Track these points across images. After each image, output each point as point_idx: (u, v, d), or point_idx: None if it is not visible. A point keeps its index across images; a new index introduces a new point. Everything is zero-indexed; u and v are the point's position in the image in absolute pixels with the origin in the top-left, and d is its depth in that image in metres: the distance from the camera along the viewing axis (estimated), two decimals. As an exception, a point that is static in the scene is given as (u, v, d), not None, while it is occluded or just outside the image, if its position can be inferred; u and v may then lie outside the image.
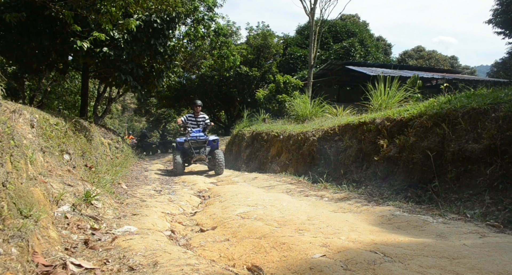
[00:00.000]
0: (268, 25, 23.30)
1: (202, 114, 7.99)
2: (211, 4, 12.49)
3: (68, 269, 1.67)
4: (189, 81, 19.51)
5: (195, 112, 7.93)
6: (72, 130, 4.78)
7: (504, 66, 25.06)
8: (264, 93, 13.97)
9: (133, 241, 2.22)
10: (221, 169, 7.19)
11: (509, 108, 3.11)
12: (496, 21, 21.72)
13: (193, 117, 7.89)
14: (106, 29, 5.92)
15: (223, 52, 16.08)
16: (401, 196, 3.59)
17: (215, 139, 7.60)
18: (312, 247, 2.08)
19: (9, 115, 2.77)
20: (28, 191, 1.99)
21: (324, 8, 12.07)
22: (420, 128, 3.84)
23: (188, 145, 7.38)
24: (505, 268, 1.66)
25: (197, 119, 7.89)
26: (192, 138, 7.40)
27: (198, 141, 7.41)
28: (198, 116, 7.91)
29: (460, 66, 39.09)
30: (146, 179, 6.42)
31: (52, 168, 3.19)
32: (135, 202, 3.81)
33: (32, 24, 6.65)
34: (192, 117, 7.89)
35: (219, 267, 1.86)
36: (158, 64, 9.19)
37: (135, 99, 31.04)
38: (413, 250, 1.97)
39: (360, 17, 33.71)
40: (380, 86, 6.05)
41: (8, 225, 1.58)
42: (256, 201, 3.92)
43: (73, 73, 13.76)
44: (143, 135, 20.04)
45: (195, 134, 7.49)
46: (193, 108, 8.00)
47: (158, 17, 7.85)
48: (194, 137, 7.41)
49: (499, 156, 3.00)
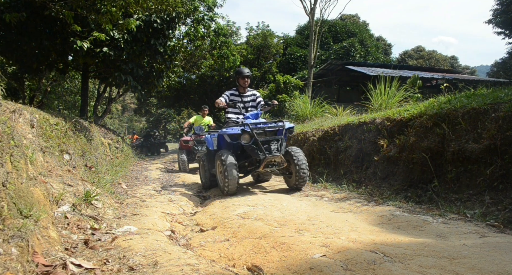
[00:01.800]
0: (268, 25, 23.34)
1: (251, 90, 5.08)
2: (211, 4, 12.49)
3: (68, 269, 1.67)
4: (189, 81, 19.50)
5: (241, 86, 4.94)
6: (72, 130, 4.78)
7: (504, 66, 25.05)
8: (264, 93, 13.98)
9: (133, 241, 2.22)
10: (303, 179, 4.28)
11: (509, 108, 3.10)
12: (496, 21, 21.73)
13: (237, 95, 4.98)
14: (106, 29, 5.93)
15: (223, 52, 16.08)
16: (401, 196, 3.59)
17: (291, 128, 4.55)
18: (312, 247, 2.08)
19: (9, 115, 2.77)
20: (28, 191, 1.99)
21: (324, 8, 12.08)
22: (420, 128, 3.84)
23: (247, 139, 4.18)
24: (505, 268, 1.66)
25: (243, 99, 4.99)
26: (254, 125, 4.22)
27: (267, 130, 4.30)
28: (245, 93, 5.01)
29: (460, 66, 39.10)
30: (146, 179, 6.42)
31: (52, 168, 3.19)
32: (135, 202, 3.81)
33: (32, 24, 6.66)
34: (236, 95, 4.98)
35: (219, 267, 1.86)
36: (158, 64, 9.20)
37: (135, 99, 31.04)
38: (413, 250, 1.97)
39: (360, 17, 33.73)
40: (380, 86, 6.05)
41: (8, 225, 1.58)
42: (256, 201, 3.92)
43: (73, 73, 13.75)
44: (148, 135, 19.60)
45: (253, 120, 4.45)
46: (237, 81, 4.95)
47: (158, 17, 7.85)
48: (259, 124, 4.27)
49: (499, 156, 3.00)
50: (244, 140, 4.16)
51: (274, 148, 4.17)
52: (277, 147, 4.18)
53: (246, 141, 4.17)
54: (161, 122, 35.16)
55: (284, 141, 4.28)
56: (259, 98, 5.04)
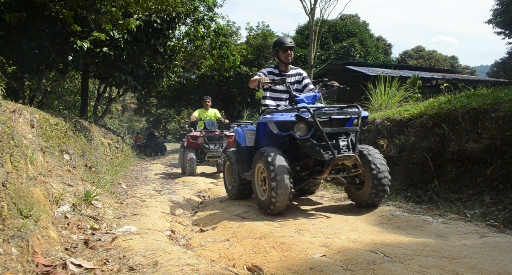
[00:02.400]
0: (268, 25, 23.33)
1: (295, 68, 3.81)
2: (211, 4, 12.49)
3: (68, 269, 1.67)
4: (189, 81, 19.49)
5: (281, 63, 3.67)
6: (72, 130, 4.78)
7: (504, 66, 25.04)
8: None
9: (133, 241, 2.22)
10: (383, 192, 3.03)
11: (509, 108, 3.10)
12: (496, 21, 21.72)
13: (276, 74, 3.69)
14: (106, 29, 5.93)
15: (223, 52, 16.08)
16: (401, 196, 3.59)
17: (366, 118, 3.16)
18: (312, 247, 2.08)
19: (9, 115, 2.77)
20: (28, 191, 1.99)
21: (324, 8, 12.06)
22: (420, 128, 3.84)
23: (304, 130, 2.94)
24: (505, 268, 1.66)
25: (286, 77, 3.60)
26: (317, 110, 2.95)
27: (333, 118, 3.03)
28: (287, 71, 3.73)
29: (460, 66, 39.09)
30: (146, 179, 6.42)
31: (52, 168, 3.19)
32: (135, 202, 3.81)
33: (32, 24, 6.66)
34: (276, 74, 3.68)
35: (219, 267, 1.86)
36: (158, 64, 9.20)
37: (135, 99, 31.06)
38: (413, 250, 1.97)
39: (360, 17, 33.71)
40: (380, 86, 6.05)
41: (8, 225, 1.58)
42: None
43: (73, 73, 13.76)
44: (151, 134, 19.24)
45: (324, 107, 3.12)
46: (276, 54, 3.65)
47: (158, 17, 7.86)
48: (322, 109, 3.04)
49: (499, 156, 3.00)
50: (299, 132, 2.90)
51: (343, 145, 2.90)
52: (347, 143, 2.92)
53: (303, 133, 2.91)
54: (161, 122, 35.18)
55: (358, 135, 2.97)
56: (307, 79, 3.75)
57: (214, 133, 7.19)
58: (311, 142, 2.90)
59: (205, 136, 7.12)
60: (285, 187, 2.81)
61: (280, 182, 2.80)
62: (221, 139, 7.14)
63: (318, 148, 2.87)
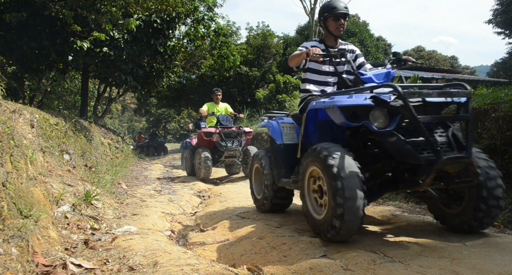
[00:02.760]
0: (268, 25, 23.31)
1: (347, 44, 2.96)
2: (211, 4, 12.48)
3: (68, 269, 1.67)
4: (189, 81, 19.49)
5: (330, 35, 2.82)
6: (72, 130, 4.78)
7: (504, 66, 25.03)
8: (264, 93, 13.97)
9: (133, 241, 2.22)
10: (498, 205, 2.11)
11: (509, 108, 3.10)
12: (496, 21, 21.71)
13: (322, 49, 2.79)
14: (106, 29, 5.93)
15: (223, 52, 16.07)
16: (401, 196, 3.59)
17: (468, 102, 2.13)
18: (312, 247, 2.08)
19: (9, 115, 2.77)
20: (28, 191, 1.99)
21: (324, 8, 12.06)
22: (420, 128, 3.83)
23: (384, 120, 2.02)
24: (505, 268, 1.66)
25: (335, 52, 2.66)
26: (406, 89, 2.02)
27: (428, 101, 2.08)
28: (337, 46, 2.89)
29: (460, 66, 39.07)
30: (146, 179, 6.42)
31: (52, 168, 3.19)
32: (135, 202, 3.81)
33: (32, 24, 6.65)
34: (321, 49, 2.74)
35: (219, 267, 1.86)
36: (158, 64, 9.19)
37: (135, 99, 31.05)
38: (413, 250, 1.97)
39: (360, 17, 33.68)
40: (380, 86, 6.02)
41: (8, 225, 1.58)
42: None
43: (73, 73, 13.74)
44: (154, 134, 18.87)
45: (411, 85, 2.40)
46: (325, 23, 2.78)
47: (158, 17, 7.85)
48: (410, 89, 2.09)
49: (499, 156, 3.00)
50: (377, 121, 2.02)
51: (443, 142, 2.07)
52: (447, 140, 2.09)
53: (382, 124, 2.02)
54: (161, 122, 35.17)
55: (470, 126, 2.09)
56: (361, 58, 2.91)
57: (231, 129, 6.17)
58: (396, 137, 1.99)
59: (221, 132, 6.02)
60: (356, 208, 1.91)
61: (350, 199, 1.90)
62: (239, 135, 6.12)
63: (407, 147, 1.98)
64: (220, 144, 6.07)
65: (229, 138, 6.11)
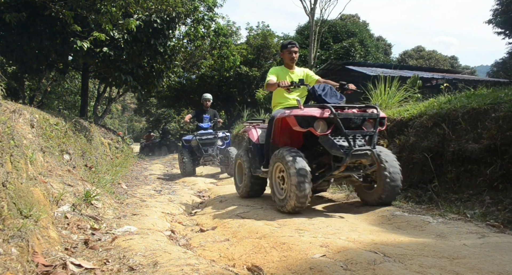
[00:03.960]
0: (268, 25, 23.30)
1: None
2: (211, 4, 12.49)
3: (68, 269, 1.67)
4: (189, 81, 19.50)
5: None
6: (72, 130, 4.78)
7: (504, 66, 25.03)
8: (264, 93, 13.96)
9: (133, 241, 2.22)
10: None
11: (509, 108, 3.11)
12: (496, 21, 21.70)
13: None
14: (106, 29, 5.93)
15: (223, 52, 16.08)
16: (401, 196, 3.59)
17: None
18: (312, 247, 2.08)
19: (9, 115, 2.77)
20: (28, 191, 1.99)
21: (324, 8, 12.07)
22: (420, 128, 3.84)
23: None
24: (505, 268, 1.66)
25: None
26: None
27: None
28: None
29: (460, 66, 39.07)
30: (146, 179, 6.42)
31: (52, 168, 3.19)
32: (135, 202, 3.81)
33: (32, 24, 6.66)
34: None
35: (219, 267, 1.86)
36: (158, 64, 9.19)
37: (135, 99, 31.07)
38: (413, 250, 1.97)
39: (360, 17, 33.68)
40: (380, 86, 6.04)
41: (8, 225, 1.58)
42: (257, 200, 3.92)
43: (73, 73, 13.76)
44: (166, 131, 17.44)
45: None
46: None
47: (158, 17, 7.85)
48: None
49: (499, 156, 3.00)
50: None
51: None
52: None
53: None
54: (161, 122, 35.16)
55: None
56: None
57: None
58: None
59: None
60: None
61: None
62: None
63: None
64: None
65: None
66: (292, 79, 3.73)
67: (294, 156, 2.97)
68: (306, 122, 2.97)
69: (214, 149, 6.88)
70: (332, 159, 3.11)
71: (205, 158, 6.84)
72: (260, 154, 3.81)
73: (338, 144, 2.92)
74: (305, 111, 2.98)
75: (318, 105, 3.10)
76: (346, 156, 2.87)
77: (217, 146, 6.98)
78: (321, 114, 2.93)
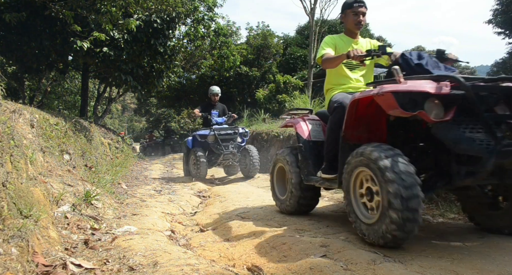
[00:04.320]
0: (268, 25, 23.30)
1: None
2: (211, 4, 12.48)
3: (68, 269, 1.67)
4: (189, 81, 19.50)
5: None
6: (72, 130, 4.78)
7: (504, 66, 25.02)
8: (264, 93, 13.97)
9: (133, 241, 2.22)
10: None
11: (509, 108, 3.08)
12: (496, 21, 21.70)
13: None
14: (106, 29, 5.93)
15: (223, 52, 16.07)
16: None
17: None
18: (312, 247, 2.08)
19: (9, 115, 2.77)
20: (28, 191, 1.99)
21: (324, 8, 12.06)
22: (420, 128, 3.83)
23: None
24: (505, 268, 1.66)
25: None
26: None
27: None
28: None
29: (460, 66, 39.05)
30: (146, 179, 6.42)
31: (52, 168, 3.19)
32: (135, 202, 3.81)
33: (32, 24, 6.66)
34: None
35: (219, 267, 1.86)
36: (158, 64, 9.19)
37: (135, 99, 31.05)
38: (413, 250, 1.97)
39: (360, 17, 33.63)
40: (380, 86, 6.03)
41: (8, 225, 1.58)
42: (257, 201, 3.92)
43: (73, 73, 13.76)
44: (170, 131, 16.49)
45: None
46: None
47: (158, 17, 7.85)
48: None
49: (499, 156, 2.97)
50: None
51: None
52: None
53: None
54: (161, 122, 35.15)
55: None
56: None
57: None
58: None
59: None
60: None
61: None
62: None
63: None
64: None
65: None
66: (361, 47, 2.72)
67: (393, 157, 1.89)
68: (412, 102, 1.88)
69: (235, 146, 5.99)
70: (454, 160, 2.00)
71: (225, 156, 5.90)
72: (315, 155, 2.82)
73: (471, 136, 1.83)
74: (411, 85, 1.89)
75: (429, 76, 1.98)
76: (490, 155, 1.77)
77: (237, 143, 6.11)
78: (437, 90, 1.83)
